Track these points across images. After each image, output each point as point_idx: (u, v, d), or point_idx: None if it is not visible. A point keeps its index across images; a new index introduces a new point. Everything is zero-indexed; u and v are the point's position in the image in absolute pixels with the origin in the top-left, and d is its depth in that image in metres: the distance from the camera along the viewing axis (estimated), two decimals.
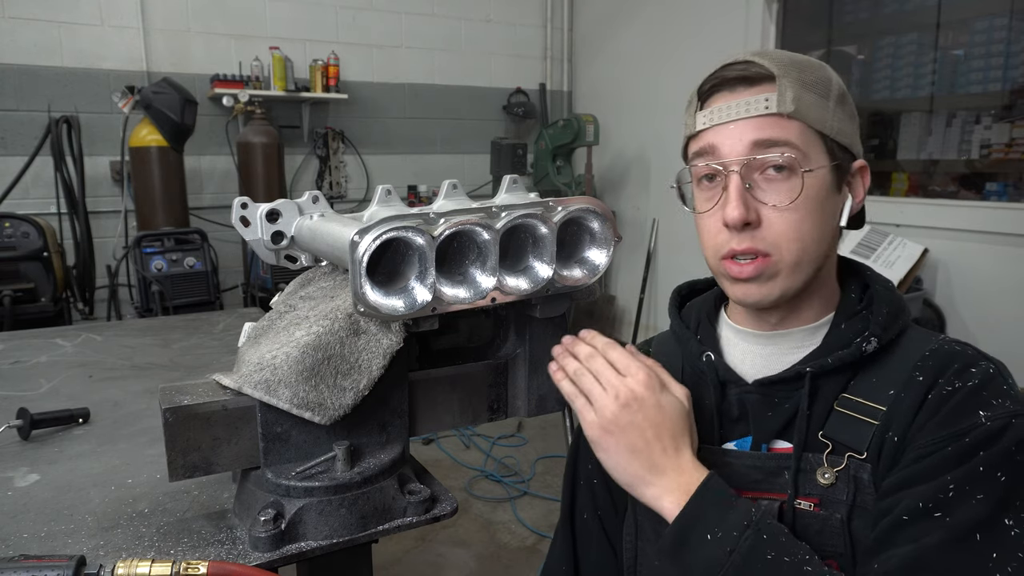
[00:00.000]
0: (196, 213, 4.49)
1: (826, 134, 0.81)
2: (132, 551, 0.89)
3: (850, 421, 0.80)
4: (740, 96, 0.82)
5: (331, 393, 0.88)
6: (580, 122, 5.06)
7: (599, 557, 1.03)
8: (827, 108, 0.81)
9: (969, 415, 0.73)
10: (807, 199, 0.80)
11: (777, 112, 0.79)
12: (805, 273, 0.82)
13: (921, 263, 3.21)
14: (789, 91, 0.79)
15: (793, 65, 0.81)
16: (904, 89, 3.84)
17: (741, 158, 0.81)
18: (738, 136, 0.81)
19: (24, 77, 4.15)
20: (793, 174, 0.79)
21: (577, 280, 0.95)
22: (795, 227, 0.80)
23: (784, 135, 0.79)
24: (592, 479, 1.05)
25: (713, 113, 0.84)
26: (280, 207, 1.03)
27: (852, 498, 0.78)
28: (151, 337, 1.96)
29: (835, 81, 0.83)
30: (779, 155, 0.79)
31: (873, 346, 0.81)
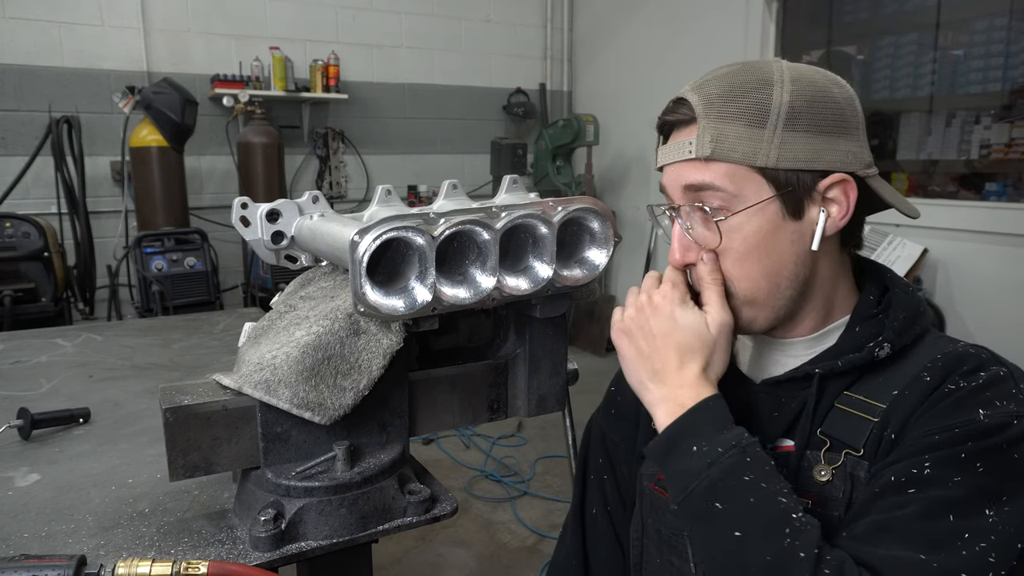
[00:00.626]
0: (196, 213, 4.49)
1: (762, 166, 0.78)
2: (132, 551, 0.89)
3: (849, 418, 0.79)
4: (673, 138, 0.84)
5: (331, 393, 0.88)
6: (580, 122, 5.06)
7: (607, 552, 1.04)
8: (762, 138, 0.77)
9: (967, 412, 0.72)
10: (743, 238, 0.80)
11: (696, 156, 0.79)
12: (769, 305, 0.82)
13: (921, 263, 3.22)
14: (707, 133, 0.78)
15: (722, 97, 0.79)
16: (904, 89, 3.84)
17: (678, 203, 0.84)
18: (675, 179, 0.83)
19: (24, 77, 4.15)
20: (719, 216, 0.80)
21: (577, 280, 0.95)
22: (736, 266, 0.81)
23: (708, 178, 0.79)
24: (603, 474, 1.05)
25: (660, 153, 0.86)
26: (280, 207, 1.03)
27: (849, 496, 0.77)
28: (151, 337, 1.96)
29: (779, 103, 0.77)
30: (702, 201, 0.80)
31: (886, 352, 0.79)
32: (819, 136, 0.78)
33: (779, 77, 0.78)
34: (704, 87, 0.81)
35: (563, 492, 3.25)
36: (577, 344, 5.54)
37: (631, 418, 1.01)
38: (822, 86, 0.79)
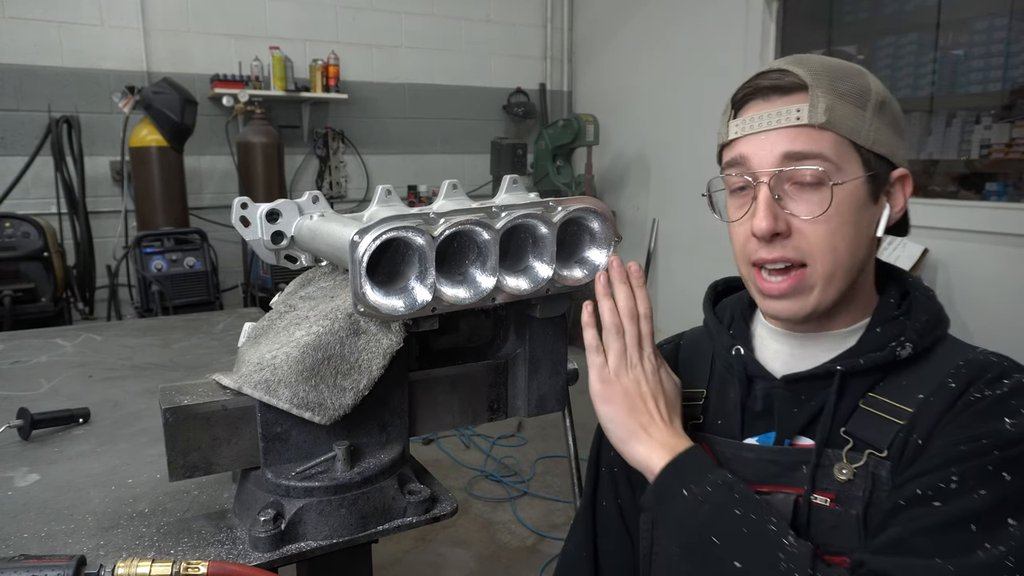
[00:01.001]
0: (196, 213, 4.49)
1: (861, 144, 0.80)
2: (132, 551, 0.89)
3: (874, 419, 0.80)
4: (773, 106, 0.81)
5: (331, 393, 0.88)
6: (580, 122, 5.06)
7: (617, 544, 1.05)
8: (863, 118, 0.80)
9: (993, 421, 0.73)
10: (838, 211, 0.79)
11: (809, 123, 0.78)
12: (839, 285, 0.82)
13: (921, 263, 3.22)
14: (822, 101, 0.78)
15: (828, 73, 0.80)
16: (904, 89, 3.84)
17: (771, 169, 0.81)
18: (769, 147, 0.81)
19: (24, 77, 4.15)
20: (823, 186, 0.79)
21: (577, 280, 0.95)
22: (827, 238, 0.80)
23: (815, 147, 0.79)
24: (613, 467, 1.06)
25: (745, 123, 0.83)
26: (280, 207, 1.03)
27: (869, 495, 0.77)
28: (151, 337, 1.96)
29: (874, 89, 0.81)
30: (809, 168, 0.79)
31: (908, 351, 0.81)
32: (895, 131, 0.83)
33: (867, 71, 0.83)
34: (805, 63, 0.82)
35: (563, 492, 3.25)
36: (577, 344, 5.50)
37: None
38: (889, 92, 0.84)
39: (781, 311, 0.84)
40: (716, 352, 0.98)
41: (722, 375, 0.95)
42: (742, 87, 0.86)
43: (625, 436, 0.86)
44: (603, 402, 0.87)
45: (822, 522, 0.79)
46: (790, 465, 0.83)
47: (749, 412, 0.90)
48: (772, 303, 0.85)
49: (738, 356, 0.91)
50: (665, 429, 0.85)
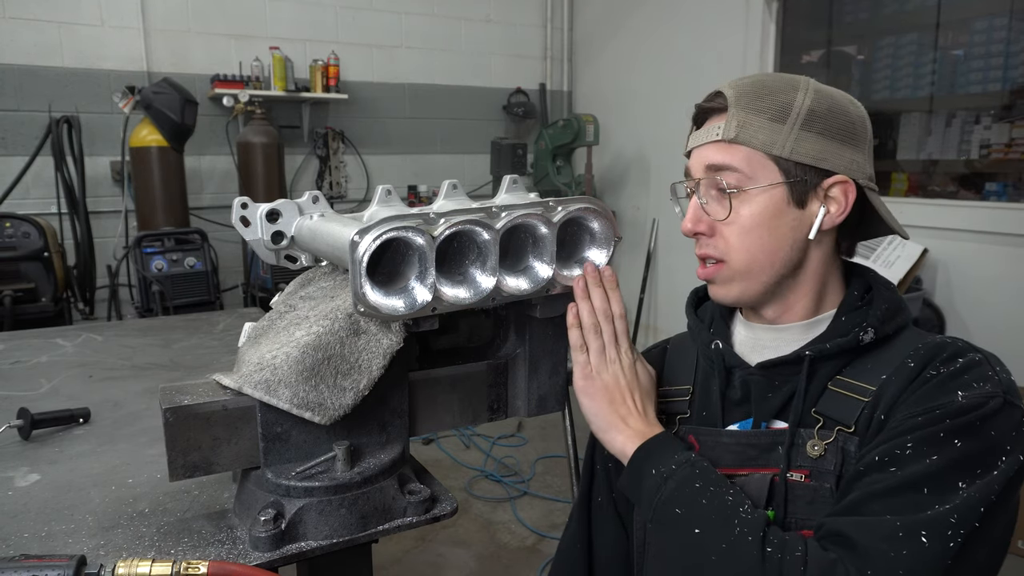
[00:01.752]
0: (196, 213, 4.49)
1: (778, 155, 0.88)
2: (132, 551, 0.89)
3: (841, 399, 0.87)
4: (706, 125, 0.94)
5: (331, 393, 0.88)
6: (580, 122, 5.06)
7: (612, 537, 1.10)
8: (780, 131, 0.88)
9: (948, 394, 0.79)
10: (749, 214, 0.89)
11: (722, 139, 0.90)
12: (762, 279, 0.92)
13: (921, 263, 3.21)
14: (734, 119, 0.89)
15: (750, 93, 0.90)
16: (904, 89, 3.84)
17: (699, 178, 0.93)
18: (699, 160, 0.93)
19: (24, 77, 4.15)
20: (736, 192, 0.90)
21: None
22: (739, 238, 0.90)
23: (728, 159, 0.89)
24: (608, 463, 1.10)
25: (691, 138, 0.96)
26: (280, 207, 1.03)
27: (840, 469, 0.85)
28: (151, 337, 1.96)
29: (799, 104, 0.88)
30: (723, 176, 0.90)
31: (870, 336, 0.88)
32: (830, 141, 0.89)
33: (805, 86, 0.91)
34: (739, 84, 0.92)
35: (563, 492, 3.25)
36: None
37: None
38: (840, 101, 0.91)
39: (714, 295, 0.97)
40: (699, 350, 1.04)
41: (705, 371, 1.02)
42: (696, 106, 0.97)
43: (605, 427, 0.94)
44: (586, 396, 0.95)
45: (799, 498, 0.86)
46: (766, 447, 0.90)
47: (729, 401, 0.97)
48: (708, 287, 0.98)
49: (716, 349, 0.98)
50: (640, 419, 0.94)
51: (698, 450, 0.94)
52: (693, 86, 4.72)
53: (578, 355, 0.96)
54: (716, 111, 0.92)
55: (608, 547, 1.10)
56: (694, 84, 4.67)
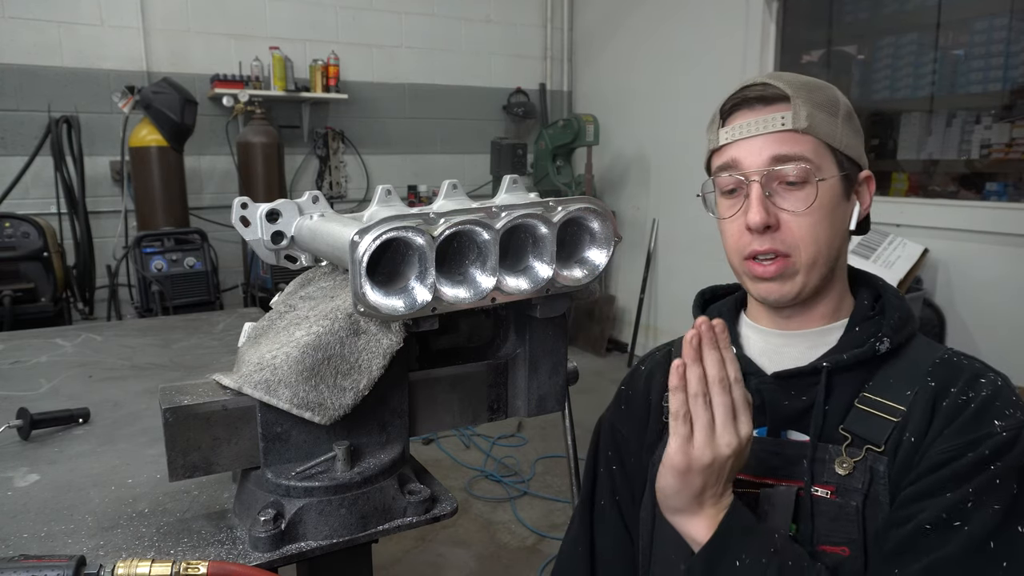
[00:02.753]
0: (196, 213, 4.49)
1: (835, 147, 0.89)
2: (132, 551, 0.89)
3: (870, 417, 0.86)
4: (759, 114, 0.90)
5: (331, 393, 0.88)
6: (580, 122, 5.06)
7: (615, 540, 1.09)
8: (836, 124, 0.89)
9: (984, 424, 0.80)
10: (820, 205, 0.88)
11: (792, 128, 0.88)
12: (820, 272, 0.90)
13: (921, 263, 3.21)
14: (803, 109, 0.87)
15: (805, 86, 0.90)
16: (904, 89, 3.84)
17: (761, 169, 0.89)
18: (758, 150, 0.89)
19: (24, 77, 4.15)
20: (807, 183, 0.88)
21: (577, 280, 0.95)
22: (810, 230, 0.88)
23: (799, 149, 0.88)
24: (612, 465, 1.10)
25: (735, 130, 0.92)
26: (280, 207, 1.03)
27: (867, 487, 0.83)
28: (151, 337, 1.96)
29: (842, 101, 0.92)
30: (795, 167, 0.88)
31: (886, 346, 0.88)
32: (856, 136, 0.93)
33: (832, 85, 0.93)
34: (783, 77, 0.91)
35: (563, 492, 3.25)
36: (577, 344, 5.54)
37: (641, 414, 1.07)
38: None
39: (770, 292, 0.91)
40: None
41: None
42: (730, 98, 0.94)
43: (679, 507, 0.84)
44: (675, 475, 0.82)
45: (823, 513, 0.85)
46: (791, 458, 0.88)
47: None
48: (763, 285, 0.92)
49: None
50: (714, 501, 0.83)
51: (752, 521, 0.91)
52: (693, 86, 4.73)
53: (679, 426, 0.80)
54: (773, 100, 0.89)
55: (611, 550, 1.09)
56: (694, 84, 4.68)
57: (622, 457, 1.09)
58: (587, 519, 1.12)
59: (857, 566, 0.82)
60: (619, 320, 5.59)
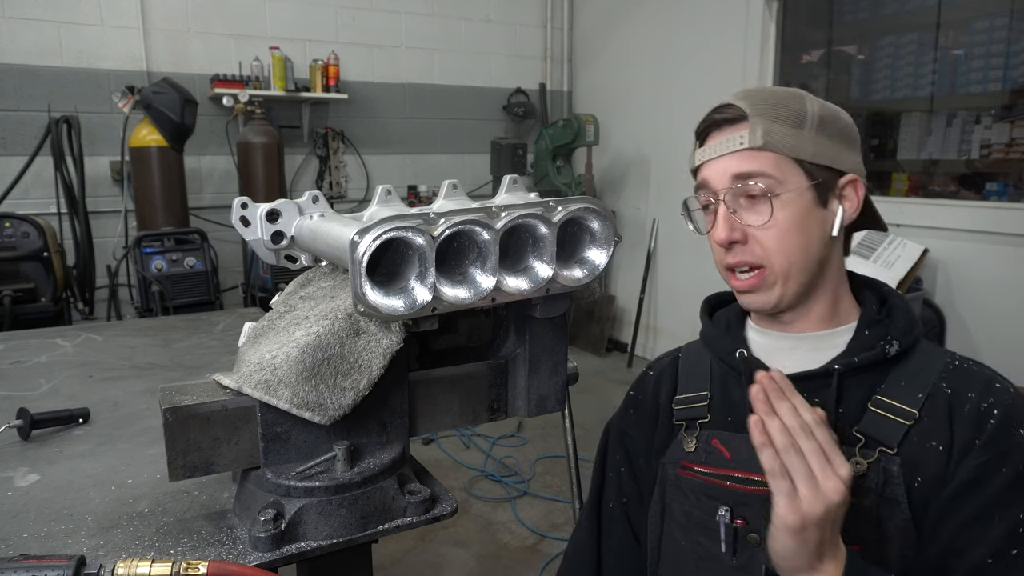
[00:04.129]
0: (196, 213, 4.49)
1: (801, 159, 0.92)
2: (132, 551, 0.89)
3: (882, 420, 0.88)
4: (724, 135, 0.95)
5: (331, 393, 0.88)
6: (580, 122, 5.06)
7: (621, 543, 1.10)
8: (801, 136, 0.92)
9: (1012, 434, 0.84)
10: (785, 217, 0.92)
11: (750, 147, 0.92)
12: (798, 280, 0.93)
13: (921, 263, 3.21)
14: (759, 127, 0.91)
15: (766, 103, 0.93)
16: (904, 89, 3.84)
17: (726, 187, 0.94)
18: (722, 170, 0.94)
19: (24, 77, 4.15)
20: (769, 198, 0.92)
21: (577, 280, 0.95)
22: (778, 242, 0.92)
23: (757, 166, 0.92)
24: (620, 468, 1.11)
25: (705, 151, 0.97)
26: (280, 207, 1.03)
27: (881, 487, 0.86)
28: (151, 337, 1.96)
29: (812, 112, 0.94)
30: (755, 183, 0.92)
31: (895, 349, 0.91)
32: (839, 143, 0.95)
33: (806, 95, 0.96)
34: (748, 96, 0.95)
35: (563, 492, 3.25)
36: (577, 344, 5.54)
37: (650, 418, 1.09)
38: (834, 108, 0.97)
39: (752, 303, 0.96)
40: (716, 357, 1.04)
41: (722, 378, 1.02)
42: (702, 121, 0.98)
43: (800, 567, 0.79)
44: (792, 535, 0.77)
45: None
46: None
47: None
48: (744, 297, 0.97)
49: (742, 357, 0.98)
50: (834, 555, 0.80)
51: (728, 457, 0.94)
52: (693, 86, 4.73)
53: (779, 483, 0.77)
54: (729, 122, 0.94)
55: (617, 553, 1.10)
56: (694, 84, 4.68)
57: (631, 460, 1.11)
58: (594, 522, 1.13)
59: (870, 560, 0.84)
60: (619, 320, 5.59)
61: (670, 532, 0.99)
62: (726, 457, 0.95)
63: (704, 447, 0.97)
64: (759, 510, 0.89)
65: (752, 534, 0.90)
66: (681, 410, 1.03)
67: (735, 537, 0.91)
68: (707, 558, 0.94)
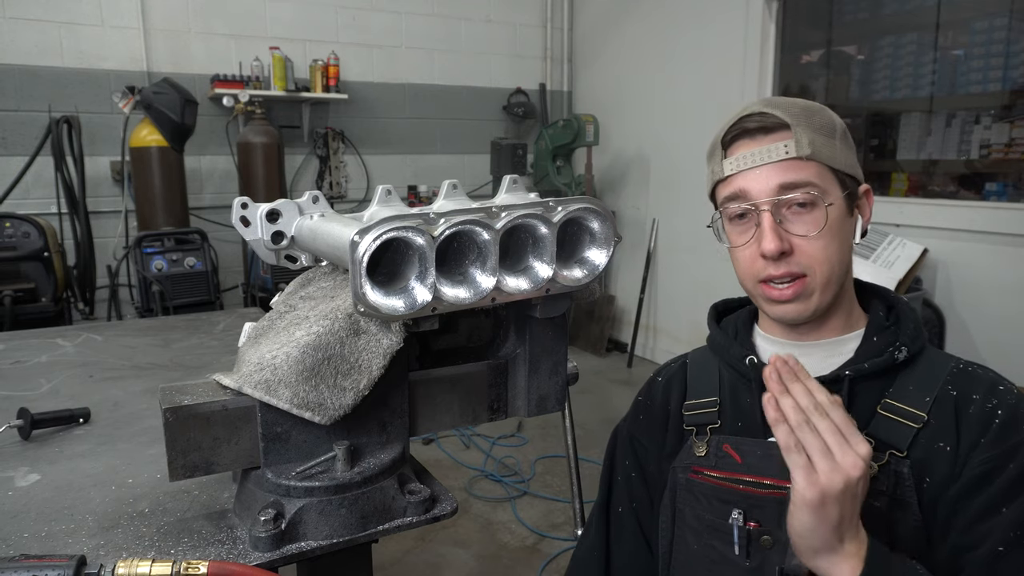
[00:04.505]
0: (196, 213, 4.49)
1: (837, 168, 0.93)
2: (132, 551, 0.89)
3: (892, 423, 0.90)
4: (760, 144, 0.93)
5: (331, 393, 0.88)
6: (580, 122, 5.06)
7: (632, 547, 1.10)
8: (835, 146, 0.93)
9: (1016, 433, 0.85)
10: (829, 227, 0.92)
11: (797, 156, 0.91)
12: (834, 289, 0.94)
13: (921, 263, 3.21)
14: (804, 136, 0.91)
15: (803, 113, 0.93)
16: (904, 89, 3.84)
17: (770, 198, 0.92)
18: (765, 179, 0.92)
19: (24, 77, 4.16)
20: (816, 208, 0.92)
21: (577, 280, 0.95)
22: (823, 251, 0.92)
23: (805, 176, 0.91)
24: (630, 473, 1.12)
25: (739, 160, 0.95)
26: (280, 207, 1.03)
27: (892, 490, 0.87)
28: (151, 337, 1.96)
29: (838, 122, 0.96)
30: (802, 193, 0.91)
31: (904, 355, 0.92)
32: (853, 152, 0.97)
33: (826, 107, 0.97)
34: (779, 105, 0.94)
35: (563, 492, 3.25)
36: (577, 344, 5.54)
37: (660, 422, 1.10)
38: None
39: (788, 313, 0.95)
40: (725, 363, 1.05)
41: (732, 383, 1.03)
42: (729, 129, 0.96)
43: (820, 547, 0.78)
44: (811, 510, 0.76)
45: None
46: None
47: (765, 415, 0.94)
48: (780, 307, 0.95)
49: (752, 364, 0.99)
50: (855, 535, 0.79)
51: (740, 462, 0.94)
52: (693, 86, 4.73)
53: (795, 457, 0.77)
54: (765, 131, 0.93)
55: (626, 557, 1.11)
56: (694, 84, 4.68)
57: (641, 464, 1.11)
58: (603, 526, 1.14)
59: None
60: (619, 320, 5.59)
61: (682, 536, 1.00)
62: (737, 461, 0.95)
63: (715, 452, 0.98)
64: (772, 513, 0.89)
65: (765, 536, 0.90)
66: (691, 415, 1.04)
67: (749, 540, 0.91)
68: (720, 561, 0.94)
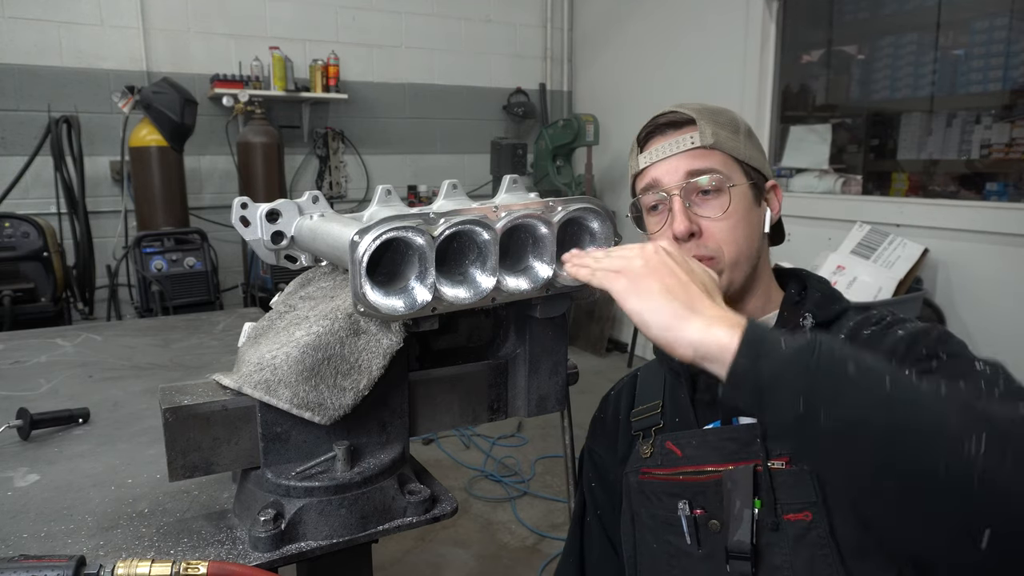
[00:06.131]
0: (196, 213, 4.49)
1: (741, 159, 1.01)
2: (132, 551, 0.89)
3: None
4: (669, 138, 1.02)
5: (331, 393, 0.88)
6: (580, 122, 5.06)
7: (600, 552, 1.16)
8: (739, 140, 1.02)
9: (889, 337, 0.89)
10: (735, 209, 0.99)
11: (701, 145, 1.00)
12: (743, 270, 1.01)
13: (921, 263, 3.21)
14: (708, 128, 1.00)
15: (708, 111, 1.02)
16: (904, 89, 3.84)
17: (679, 184, 1.00)
18: (674, 168, 1.01)
19: (24, 77, 4.16)
20: (721, 191, 0.99)
21: (577, 280, 0.95)
22: (730, 232, 0.99)
23: (710, 163, 0.99)
24: (591, 483, 1.18)
25: (652, 153, 1.03)
26: (280, 207, 1.03)
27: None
28: (151, 337, 1.96)
29: (743, 122, 1.05)
30: (708, 178, 0.99)
31: (810, 322, 0.99)
32: (760, 154, 1.06)
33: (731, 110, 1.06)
34: (686, 104, 1.03)
35: (563, 492, 3.25)
36: (577, 344, 5.54)
37: (612, 433, 1.16)
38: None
39: None
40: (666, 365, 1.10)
41: (671, 384, 1.08)
42: (644, 127, 1.05)
43: (669, 323, 0.74)
44: (633, 294, 0.76)
45: (782, 484, 0.89)
46: (745, 440, 0.93)
47: (700, 404, 1.02)
48: None
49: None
50: (710, 305, 0.76)
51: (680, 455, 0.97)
52: (693, 86, 4.73)
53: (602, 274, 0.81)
54: (674, 126, 1.02)
55: (596, 564, 1.18)
56: (694, 84, 4.68)
57: (600, 474, 1.17)
58: (577, 534, 1.21)
59: (821, 530, 0.85)
60: (619, 320, 5.59)
61: (642, 537, 1.03)
62: (678, 456, 0.99)
63: (659, 451, 1.01)
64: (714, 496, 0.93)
65: (713, 520, 0.93)
66: (638, 421, 1.09)
67: (696, 527, 0.94)
68: (677, 555, 0.97)
